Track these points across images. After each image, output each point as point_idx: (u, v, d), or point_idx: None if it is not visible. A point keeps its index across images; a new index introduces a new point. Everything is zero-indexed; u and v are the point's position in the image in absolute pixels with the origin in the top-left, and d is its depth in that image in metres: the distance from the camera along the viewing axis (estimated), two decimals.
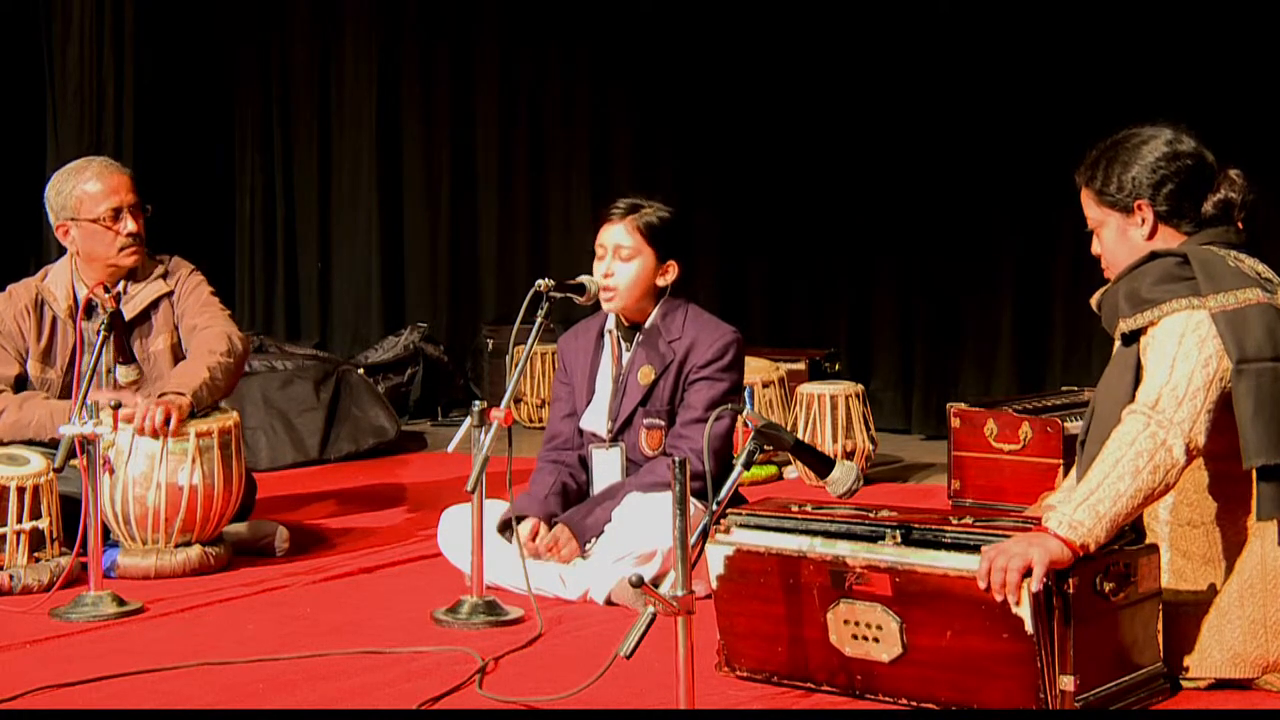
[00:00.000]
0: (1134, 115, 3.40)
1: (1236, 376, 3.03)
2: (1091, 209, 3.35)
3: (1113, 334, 3.25)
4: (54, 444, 4.10)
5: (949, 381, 7.09)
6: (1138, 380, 3.11)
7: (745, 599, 3.25)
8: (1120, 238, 3.30)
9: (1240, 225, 3.28)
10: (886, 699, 3.10)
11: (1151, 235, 3.27)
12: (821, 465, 3.36)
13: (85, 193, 4.65)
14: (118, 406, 4.10)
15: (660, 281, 4.22)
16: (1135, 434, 2.99)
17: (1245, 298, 3.09)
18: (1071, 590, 2.88)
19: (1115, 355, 3.24)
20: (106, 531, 4.32)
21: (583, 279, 4.16)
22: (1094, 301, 3.37)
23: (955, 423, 5.39)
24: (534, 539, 4.10)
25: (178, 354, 4.72)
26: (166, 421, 4.28)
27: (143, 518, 4.34)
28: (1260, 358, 3.04)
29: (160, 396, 4.37)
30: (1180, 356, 3.05)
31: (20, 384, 4.71)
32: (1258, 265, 3.22)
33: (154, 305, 4.74)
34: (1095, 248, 3.38)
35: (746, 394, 5.99)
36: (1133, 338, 3.18)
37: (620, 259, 4.18)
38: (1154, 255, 3.21)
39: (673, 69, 7.78)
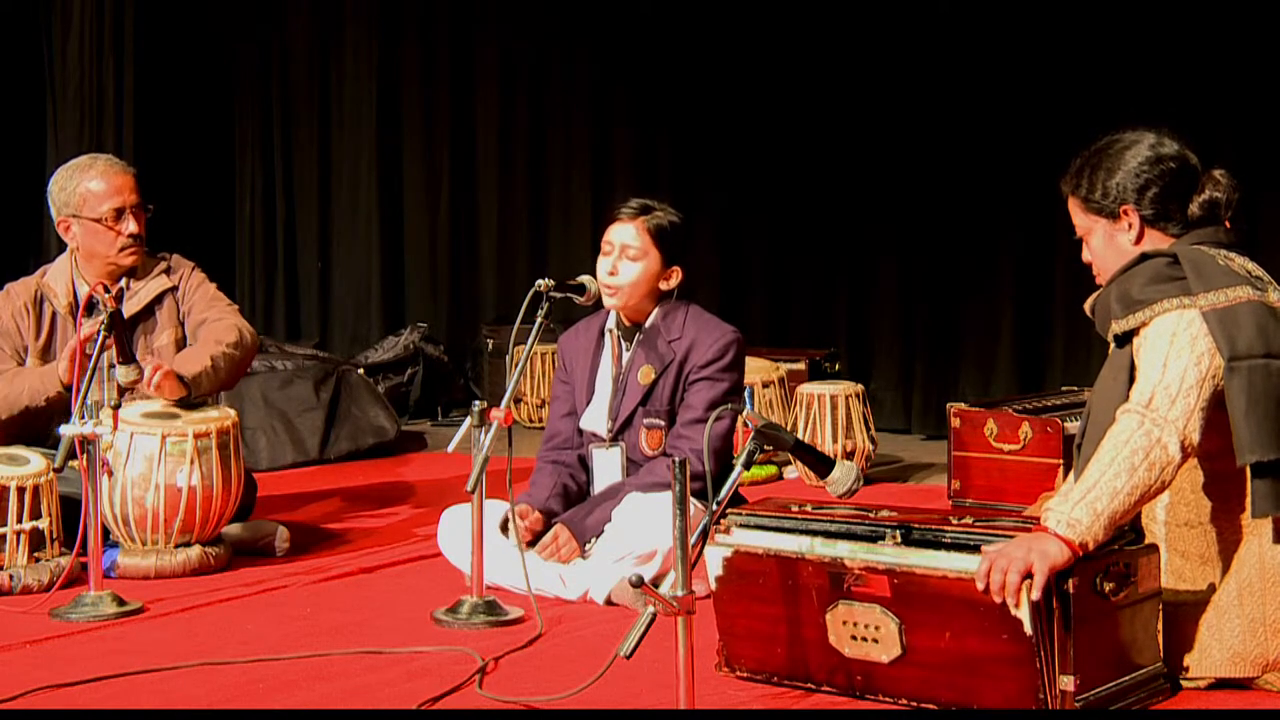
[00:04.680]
0: (1135, 116, 3.40)
1: (1229, 374, 3.04)
2: (1079, 217, 3.36)
3: (1106, 337, 3.26)
4: (54, 444, 4.10)
5: (949, 381, 7.09)
6: (1132, 381, 3.12)
7: (744, 600, 3.25)
8: (1108, 243, 3.31)
9: (1228, 225, 3.28)
10: (886, 699, 3.10)
11: (1139, 240, 3.28)
12: (821, 465, 3.36)
13: (89, 191, 4.65)
14: (117, 407, 4.10)
15: (663, 285, 4.22)
16: (1130, 432, 2.99)
17: (1236, 295, 3.10)
18: (1071, 590, 2.88)
19: (1109, 357, 3.25)
20: (106, 531, 4.32)
21: (583, 279, 4.17)
22: (1087, 306, 3.38)
23: (955, 423, 5.39)
24: (527, 524, 4.08)
25: (181, 350, 4.73)
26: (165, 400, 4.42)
27: (142, 519, 4.34)
28: (1252, 355, 3.04)
29: None
30: (1173, 355, 3.05)
31: None
32: (1248, 264, 3.23)
33: (158, 300, 4.75)
34: (1085, 255, 3.39)
35: (746, 394, 5.99)
36: (1126, 339, 3.18)
37: (627, 257, 4.18)
38: (1144, 257, 3.22)
39: (673, 69, 7.78)
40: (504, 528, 4.05)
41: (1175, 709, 3.09)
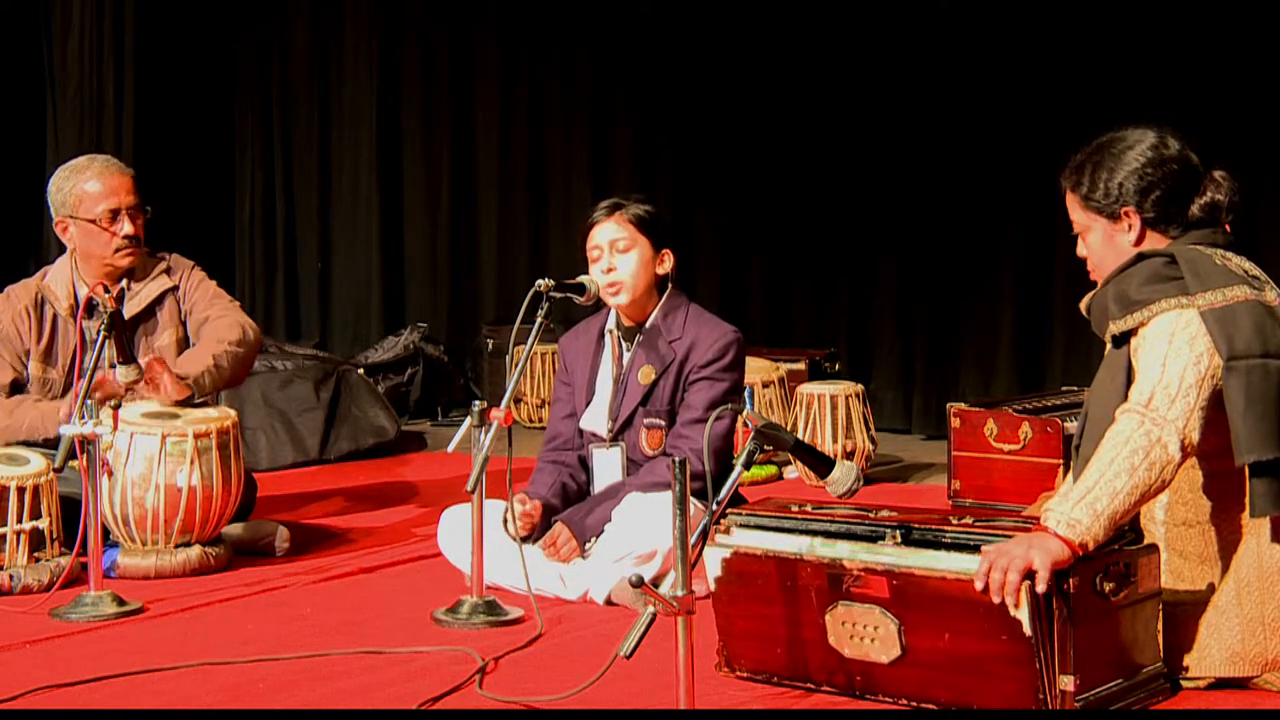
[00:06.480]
0: (1135, 115, 3.39)
1: (1227, 373, 3.04)
2: (1077, 213, 3.35)
3: (1103, 337, 3.25)
4: (54, 444, 4.10)
5: (949, 381, 7.09)
6: (1130, 381, 3.12)
7: (743, 601, 3.25)
8: (1107, 243, 3.30)
9: (1228, 227, 3.28)
10: (886, 699, 3.10)
11: (1139, 241, 3.27)
12: (821, 465, 3.36)
13: (85, 192, 4.65)
14: (117, 406, 4.10)
15: (660, 270, 4.24)
16: (1130, 432, 2.99)
17: (1233, 295, 3.10)
18: (1071, 590, 2.88)
19: (1107, 358, 3.24)
20: (106, 531, 4.32)
21: (583, 279, 4.17)
22: (1083, 305, 3.37)
23: (955, 423, 5.39)
24: (525, 508, 4.08)
25: (183, 349, 4.74)
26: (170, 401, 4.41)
27: (142, 519, 4.34)
28: (1250, 354, 3.04)
29: None
30: (1171, 355, 3.05)
31: (18, 388, 4.70)
32: (1244, 263, 3.22)
33: (159, 301, 4.75)
34: (1081, 250, 3.38)
35: (746, 394, 5.99)
36: (1123, 339, 3.18)
37: (618, 251, 4.19)
38: (1141, 256, 3.22)
39: (673, 69, 7.78)
40: (504, 521, 4.04)
41: (1175, 709, 3.09)
